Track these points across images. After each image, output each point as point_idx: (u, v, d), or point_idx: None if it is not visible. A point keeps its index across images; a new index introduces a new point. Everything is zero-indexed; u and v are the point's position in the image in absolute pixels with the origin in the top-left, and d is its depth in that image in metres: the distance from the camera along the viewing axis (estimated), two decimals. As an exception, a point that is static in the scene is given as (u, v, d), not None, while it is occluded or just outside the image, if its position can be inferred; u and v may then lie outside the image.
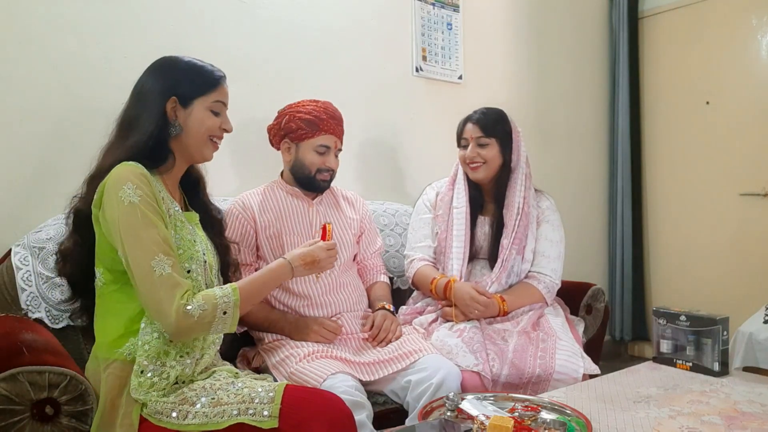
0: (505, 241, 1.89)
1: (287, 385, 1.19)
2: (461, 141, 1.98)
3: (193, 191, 1.44)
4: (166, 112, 1.28)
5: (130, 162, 1.22)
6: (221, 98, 1.36)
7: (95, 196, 1.21)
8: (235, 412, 1.13)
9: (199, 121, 1.32)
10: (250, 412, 1.12)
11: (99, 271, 1.26)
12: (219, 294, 1.21)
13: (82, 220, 1.26)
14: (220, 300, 1.20)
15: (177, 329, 1.15)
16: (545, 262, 1.93)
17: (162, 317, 1.15)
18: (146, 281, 1.15)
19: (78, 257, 1.28)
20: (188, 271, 1.25)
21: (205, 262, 1.32)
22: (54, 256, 1.34)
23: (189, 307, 1.15)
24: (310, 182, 1.84)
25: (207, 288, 1.29)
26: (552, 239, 1.95)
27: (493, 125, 1.92)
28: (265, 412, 1.12)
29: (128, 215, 1.15)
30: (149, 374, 1.18)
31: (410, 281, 2.03)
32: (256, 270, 1.81)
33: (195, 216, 1.40)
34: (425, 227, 2.02)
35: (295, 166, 1.85)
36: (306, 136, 1.80)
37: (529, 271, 1.95)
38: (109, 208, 1.17)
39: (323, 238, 1.49)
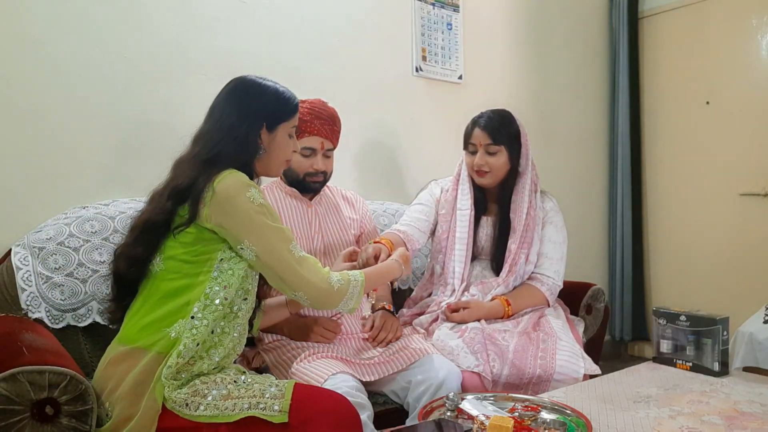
0: (513, 246, 1.88)
1: (296, 383, 1.22)
2: (469, 146, 1.92)
3: None
4: (260, 136, 1.37)
5: (235, 171, 1.29)
6: (296, 123, 1.46)
7: (205, 199, 1.25)
8: (246, 406, 1.16)
9: (281, 146, 1.41)
10: (261, 406, 1.16)
11: (159, 259, 1.29)
12: (352, 274, 1.40)
13: (153, 230, 1.30)
14: (353, 278, 1.38)
15: (323, 297, 1.33)
16: (548, 263, 1.93)
17: (310, 288, 1.31)
18: (289, 264, 1.29)
19: (142, 261, 1.31)
20: (245, 277, 1.33)
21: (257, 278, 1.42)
22: (112, 257, 1.37)
23: (332, 277, 1.34)
24: (301, 185, 1.83)
25: (252, 300, 1.39)
26: (555, 241, 1.95)
27: (502, 131, 1.87)
28: (276, 407, 1.15)
29: (260, 213, 1.27)
30: (186, 357, 1.21)
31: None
32: None
33: None
34: (421, 212, 1.99)
35: (285, 169, 1.85)
36: None
37: (532, 273, 1.95)
38: (235, 207, 1.25)
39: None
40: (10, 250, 1.59)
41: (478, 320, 1.80)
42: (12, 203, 1.69)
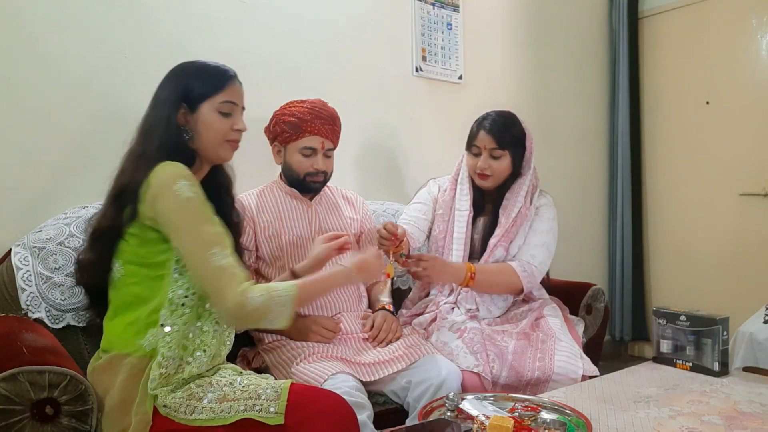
0: (493, 240, 1.87)
1: (292, 383, 1.20)
2: (473, 148, 1.89)
3: (217, 194, 1.41)
4: (178, 120, 1.30)
5: (172, 162, 1.23)
6: (230, 98, 1.34)
7: (141, 195, 1.21)
8: (242, 408, 1.15)
9: (207, 125, 1.32)
10: (257, 408, 1.14)
11: (118, 264, 1.27)
12: (279, 287, 1.24)
13: (105, 235, 1.27)
14: (278, 293, 1.22)
15: (235, 316, 1.20)
16: (525, 248, 1.88)
17: (221, 304, 1.19)
18: (206, 271, 1.18)
19: (98, 269, 1.29)
20: None
21: None
22: (74, 266, 1.36)
23: (249, 296, 1.18)
24: (302, 185, 1.83)
25: None
26: (537, 229, 1.90)
27: (508, 135, 1.85)
28: (272, 409, 1.14)
29: (186, 209, 1.19)
30: (168, 367, 1.20)
31: None
32: (255, 271, 1.81)
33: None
34: (420, 210, 1.98)
35: (285, 169, 1.85)
36: (290, 138, 1.78)
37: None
38: (163, 202, 1.19)
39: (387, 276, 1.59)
40: (10, 250, 1.59)
41: (439, 282, 1.83)
42: (12, 203, 1.69)
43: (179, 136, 1.29)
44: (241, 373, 1.34)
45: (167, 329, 1.21)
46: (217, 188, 1.42)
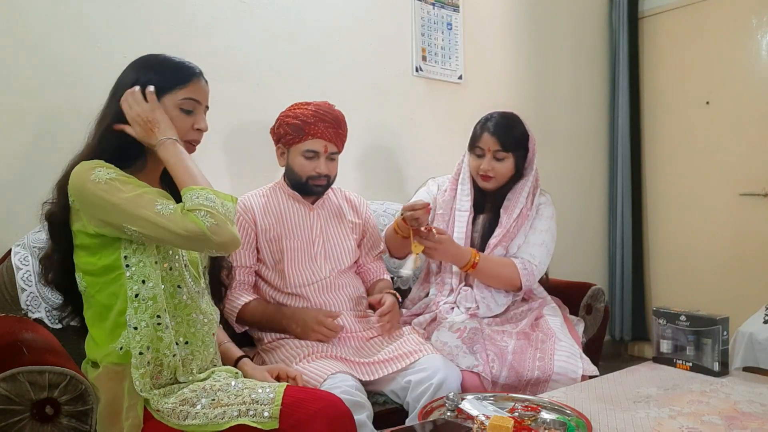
0: (494, 240, 1.87)
1: (287, 385, 1.19)
2: (476, 149, 1.88)
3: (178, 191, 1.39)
4: None
5: (93, 161, 1.19)
6: (193, 95, 1.29)
7: (71, 203, 1.20)
8: (235, 413, 1.13)
9: None
10: (251, 413, 1.12)
11: (79, 277, 1.25)
12: (217, 201, 1.17)
13: (57, 226, 1.24)
14: (214, 197, 1.17)
15: (185, 232, 1.12)
16: (525, 247, 1.89)
17: (176, 236, 1.12)
18: (155, 225, 1.12)
19: (59, 263, 1.27)
20: (170, 269, 1.25)
21: (185, 259, 1.29)
22: (39, 265, 1.33)
23: (200, 216, 1.12)
24: (304, 188, 1.82)
25: (191, 286, 1.28)
26: (536, 227, 1.91)
27: (511, 138, 1.84)
28: (266, 413, 1.12)
29: (110, 190, 1.14)
30: (148, 364, 1.18)
31: (384, 241, 1.98)
32: (255, 272, 1.80)
33: None
34: None
35: (288, 171, 1.84)
36: (293, 141, 1.77)
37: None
38: (89, 196, 1.15)
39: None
40: (10, 250, 1.59)
41: (441, 260, 1.86)
42: (12, 203, 1.69)
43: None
44: (236, 374, 1.33)
45: (135, 328, 1.19)
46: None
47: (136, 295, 1.19)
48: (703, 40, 3.21)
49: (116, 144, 1.23)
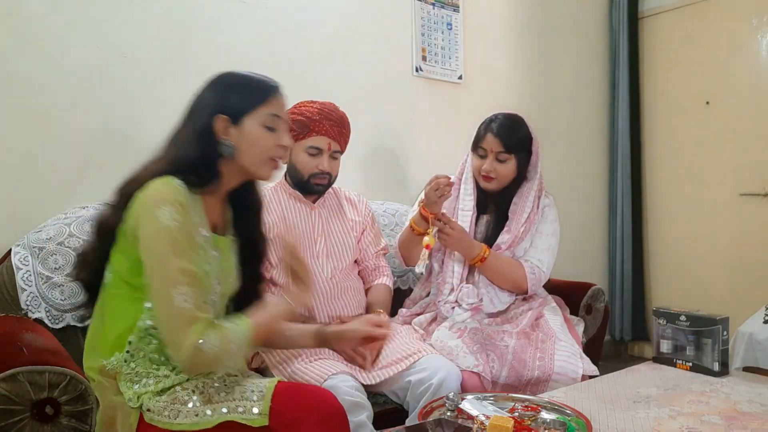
0: (506, 236, 1.88)
1: (279, 382, 1.16)
2: (479, 150, 1.89)
3: (245, 213, 1.34)
4: (213, 130, 1.20)
5: (171, 179, 1.14)
6: (275, 111, 1.24)
7: (129, 207, 1.15)
8: (224, 410, 1.11)
9: (252, 140, 1.22)
10: (240, 409, 1.10)
11: (108, 270, 1.22)
12: (232, 330, 1.13)
13: (107, 229, 1.19)
14: (230, 335, 1.12)
15: (189, 364, 1.10)
16: (532, 251, 1.90)
17: (175, 350, 1.10)
18: (165, 309, 1.10)
19: (98, 264, 1.22)
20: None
21: (217, 293, 1.26)
22: (73, 259, 1.30)
23: (201, 343, 1.07)
24: (305, 187, 1.82)
25: (215, 315, 1.25)
26: (542, 231, 1.92)
27: (515, 140, 1.85)
28: (255, 410, 1.10)
29: (161, 238, 1.10)
30: (146, 383, 1.16)
31: (400, 257, 1.98)
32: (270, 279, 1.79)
33: (223, 241, 1.30)
34: None
35: (290, 168, 1.84)
36: (297, 137, 1.77)
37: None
38: (143, 224, 1.12)
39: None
40: (10, 250, 1.59)
41: (452, 249, 1.87)
42: (12, 203, 1.69)
43: (213, 150, 1.20)
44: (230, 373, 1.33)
45: (131, 354, 1.16)
46: (247, 208, 1.34)
47: (146, 331, 1.17)
48: (703, 40, 3.21)
49: (195, 163, 1.19)
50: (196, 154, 1.19)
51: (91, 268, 1.23)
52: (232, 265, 1.32)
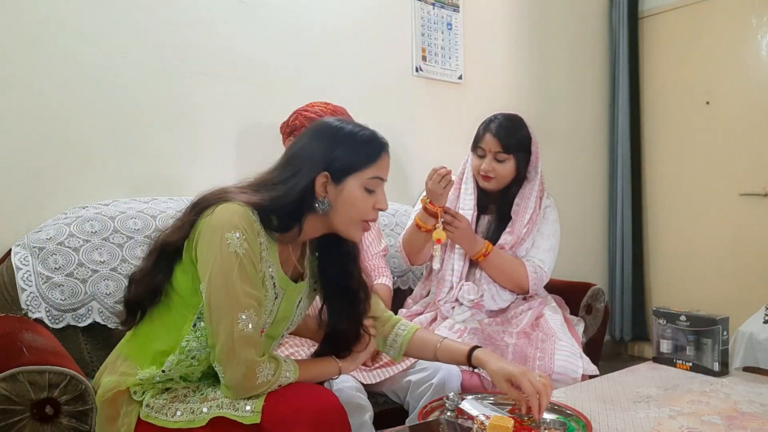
0: (509, 237, 1.88)
1: None
2: (478, 149, 1.90)
3: (339, 261, 1.29)
4: (314, 186, 1.16)
5: (247, 207, 1.11)
6: (379, 174, 1.19)
7: (196, 223, 1.13)
8: (218, 407, 1.11)
9: (350, 202, 1.17)
10: (234, 406, 1.10)
11: (169, 286, 1.18)
12: (284, 367, 1.14)
13: (167, 249, 1.17)
14: (284, 373, 1.14)
15: (241, 385, 1.10)
16: (534, 252, 1.91)
17: (231, 369, 1.09)
18: (228, 329, 1.08)
19: (149, 280, 1.18)
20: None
21: (265, 331, 1.22)
22: (126, 279, 1.24)
23: (259, 370, 1.09)
24: None
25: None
26: (544, 232, 1.93)
27: (514, 140, 1.85)
28: (248, 407, 1.09)
29: (228, 261, 1.07)
30: (159, 397, 1.16)
31: (404, 255, 1.96)
32: None
33: (294, 287, 1.25)
34: None
35: None
36: None
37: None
38: (207, 244, 1.09)
39: None
40: (10, 250, 1.59)
41: (457, 243, 1.86)
42: (12, 203, 1.69)
43: (308, 206, 1.16)
44: None
45: (164, 372, 1.15)
46: (342, 255, 1.29)
47: (188, 352, 1.15)
48: (703, 40, 3.21)
49: (277, 209, 1.14)
50: (290, 206, 1.14)
51: (148, 285, 1.18)
52: (293, 310, 1.28)
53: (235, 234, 1.08)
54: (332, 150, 1.16)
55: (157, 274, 1.17)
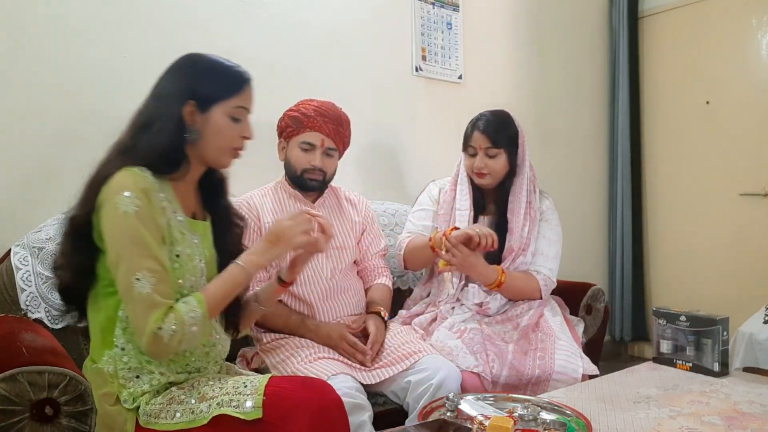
0: (515, 245, 1.88)
1: (272, 376, 1.15)
2: (468, 148, 1.92)
3: (213, 193, 1.36)
4: (183, 116, 1.20)
5: (136, 168, 1.14)
6: (243, 104, 1.26)
7: (96, 199, 1.14)
8: (218, 405, 1.10)
9: (216, 129, 1.22)
10: (234, 403, 1.09)
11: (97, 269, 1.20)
12: (185, 310, 1.12)
13: (77, 227, 1.17)
14: (188, 314, 1.12)
15: (150, 351, 1.12)
16: (542, 260, 1.92)
17: (138, 337, 1.11)
18: (127, 295, 1.11)
19: (72, 262, 1.19)
20: (179, 282, 1.19)
21: (203, 274, 1.25)
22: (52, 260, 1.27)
23: (160, 330, 1.08)
24: (299, 183, 1.82)
25: None
26: (549, 238, 1.94)
27: (501, 134, 1.87)
28: (248, 403, 1.08)
29: (119, 224, 1.10)
30: (135, 383, 1.16)
31: (401, 259, 1.96)
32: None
33: (202, 226, 1.30)
34: (426, 218, 1.99)
35: (285, 164, 1.85)
36: (293, 133, 1.80)
37: (527, 269, 1.94)
38: (104, 213, 1.11)
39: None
40: (10, 250, 1.58)
41: (466, 273, 1.85)
42: (12, 203, 1.69)
43: (180, 135, 1.19)
44: (227, 372, 1.32)
45: (122, 349, 1.16)
46: (214, 187, 1.36)
47: (126, 318, 1.16)
48: (703, 40, 3.21)
49: (159, 150, 1.18)
50: (166, 142, 1.18)
51: (75, 268, 1.19)
52: (212, 244, 1.32)
53: (125, 193, 1.10)
54: (195, 80, 1.22)
55: (80, 254, 1.17)
